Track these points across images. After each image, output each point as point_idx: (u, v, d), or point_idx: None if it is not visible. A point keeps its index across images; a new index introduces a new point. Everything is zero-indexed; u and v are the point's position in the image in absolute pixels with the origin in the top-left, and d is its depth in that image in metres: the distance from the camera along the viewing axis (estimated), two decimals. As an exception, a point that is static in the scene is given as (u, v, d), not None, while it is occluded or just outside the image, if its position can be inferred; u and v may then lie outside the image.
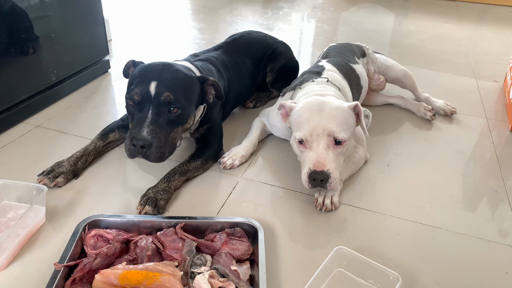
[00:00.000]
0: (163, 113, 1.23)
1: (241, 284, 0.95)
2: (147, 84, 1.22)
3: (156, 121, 1.22)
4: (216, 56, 1.64)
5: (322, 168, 1.19)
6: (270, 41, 1.87)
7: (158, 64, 1.31)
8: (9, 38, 1.52)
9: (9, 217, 1.15)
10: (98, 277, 0.91)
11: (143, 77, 1.25)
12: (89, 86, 1.98)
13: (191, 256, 1.00)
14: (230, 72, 1.65)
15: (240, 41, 1.80)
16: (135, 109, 1.25)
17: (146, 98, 1.22)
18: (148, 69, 1.28)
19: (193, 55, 1.64)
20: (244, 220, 1.12)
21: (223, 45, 1.76)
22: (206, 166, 1.43)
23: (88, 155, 1.40)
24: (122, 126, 1.53)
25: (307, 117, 1.25)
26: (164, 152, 1.24)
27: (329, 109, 1.25)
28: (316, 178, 1.19)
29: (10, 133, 1.58)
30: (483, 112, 1.91)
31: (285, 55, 1.85)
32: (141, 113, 1.23)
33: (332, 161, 1.21)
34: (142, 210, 1.20)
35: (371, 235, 1.18)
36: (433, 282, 1.04)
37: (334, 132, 1.22)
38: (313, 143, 1.24)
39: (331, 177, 1.19)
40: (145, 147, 1.19)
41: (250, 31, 1.90)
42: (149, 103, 1.22)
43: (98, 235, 1.06)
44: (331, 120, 1.23)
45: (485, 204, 1.33)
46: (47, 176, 1.30)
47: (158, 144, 1.21)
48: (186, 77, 1.30)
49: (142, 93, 1.22)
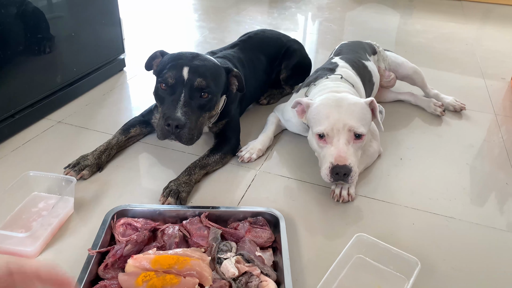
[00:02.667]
0: (195, 97, 1.31)
1: (266, 269, 0.99)
2: (180, 69, 1.29)
3: (188, 103, 1.29)
4: (232, 54, 1.69)
5: (344, 162, 1.22)
6: (284, 39, 1.92)
7: (187, 53, 1.38)
8: (32, 38, 1.57)
9: (40, 207, 1.20)
10: (131, 261, 0.95)
11: (175, 62, 1.32)
12: (106, 84, 2.03)
13: (217, 243, 1.04)
14: (246, 69, 1.70)
15: (255, 39, 1.85)
16: (167, 93, 1.31)
17: (179, 81, 1.29)
18: (179, 56, 1.36)
19: (211, 53, 1.69)
20: (266, 209, 1.16)
21: (238, 43, 1.81)
22: (225, 160, 1.47)
23: (111, 149, 1.45)
24: (143, 121, 1.58)
25: (326, 113, 1.29)
26: (194, 135, 1.30)
27: (347, 105, 1.29)
28: (339, 172, 1.22)
29: (33, 129, 1.63)
30: (491, 108, 1.95)
31: (299, 52, 1.90)
32: (174, 95, 1.30)
33: (352, 155, 1.25)
34: (165, 202, 1.24)
35: (387, 225, 1.23)
36: (449, 268, 1.08)
37: (354, 127, 1.25)
38: (334, 138, 1.27)
39: (352, 171, 1.23)
40: (179, 127, 1.25)
41: (264, 29, 1.95)
42: (181, 87, 1.29)
43: (127, 224, 1.10)
44: (351, 115, 1.27)
45: (496, 195, 1.38)
46: (73, 169, 1.35)
47: (190, 126, 1.27)
48: (215, 65, 1.38)
49: (176, 77, 1.29)
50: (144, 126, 1.57)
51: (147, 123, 1.58)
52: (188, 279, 0.90)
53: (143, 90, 1.97)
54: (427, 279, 1.05)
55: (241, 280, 0.95)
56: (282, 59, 1.88)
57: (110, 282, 0.93)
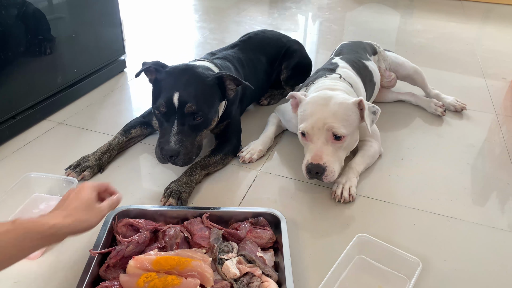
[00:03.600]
0: (188, 121, 1.30)
1: (267, 269, 1.00)
2: (171, 96, 1.27)
3: (181, 130, 1.28)
4: (232, 54, 1.69)
5: (318, 161, 1.25)
6: (284, 40, 1.92)
7: (179, 71, 1.35)
8: (33, 39, 1.58)
9: (41, 208, 1.20)
10: (132, 262, 0.95)
11: (167, 87, 1.30)
12: (107, 85, 2.03)
13: (218, 244, 1.04)
14: (246, 69, 1.70)
15: (255, 40, 1.85)
16: (162, 118, 1.31)
17: (171, 109, 1.28)
18: (171, 77, 1.33)
19: (210, 54, 1.69)
20: (266, 210, 1.16)
21: (238, 43, 1.81)
22: (226, 161, 1.47)
23: (112, 150, 1.45)
24: (143, 122, 1.58)
25: (311, 111, 1.30)
26: (191, 157, 1.32)
27: (333, 104, 1.29)
28: (312, 171, 1.25)
29: (35, 130, 1.63)
30: (492, 108, 1.95)
31: (299, 53, 1.90)
32: (168, 123, 1.29)
33: (330, 155, 1.26)
34: (166, 202, 1.25)
35: (388, 225, 1.22)
36: (450, 268, 1.08)
37: (334, 128, 1.26)
38: (313, 136, 1.29)
39: (326, 171, 1.24)
40: (173, 156, 1.26)
41: (264, 29, 1.95)
42: (174, 114, 1.28)
43: (128, 224, 1.10)
44: (333, 115, 1.27)
45: (497, 195, 1.37)
46: (74, 170, 1.35)
47: (185, 151, 1.28)
48: (205, 83, 1.34)
49: (167, 105, 1.28)
50: (144, 127, 1.58)
51: (147, 124, 1.59)
52: (189, 280, 0.90)
53: (144, 91, 1.96)
54: (429, 280, 1.05)
55: (243, 280, 0.95)
56: (282, 60, 1.88)
57: (112, 283, 0.93)
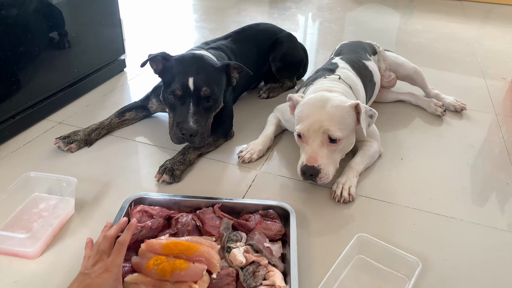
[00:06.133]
0: (202, 104, 1.41)
1: (274, 259, 1.01)
2: (186, 80, 1.38)
3: (197, 111, 1.40)
4: (226, 44, 1.76)
5: (313, 163, 1.25)
6: (276, 32, 1.97)
7: (189, 58, 1.45)
8: (33, 39, 1.58)
9: (41, 208, 1.20)
10: (144, 245, 0.98)
11: (180, 72, 1.40)
12: (106, 85, 2.03)
13: (227, 233, 1.07)
14: (238, 59, 1.76)
15: (249, 32, 1.91)
16: (176, 101, 1.41)
17: (186, 92, 1.39)
18: (182, 64, 1.43)
19: (204, 43, 1.77)
20: (277, 203, 1.19)
21: (232, 35, 1.87)
22: (218, 143, 1.56)
23: (102, 129, 1.57)
24: (140, 106, 1.70)
25: (307, 113, 1.30)
26: (205, 136, 1.43)
27: (330, 107, 1.29)
28: (306, 172, 1.26)
29: (34, 130, 1.63)
30: (492, 108, 1.95)
31: (286, 44, 1.93)
32: (183, 105, 1.40)
33: (325, 157, 1.26)
34: (160, 178, 1.34)
35: (388, 225, 1.22)
36: (450, 268, 1.08)
37: (329, 131, 1.26)
38: (309, 138, 1.29)
39: (321, 173, 1.25)
40: (193, 135, 1.38)
41: (260, 23, 2.01)
42: (189, 97, 1.39)
43: (143, 211, 1.13)
44: (329, 118, 1.27)
45: (497, 195, 1.37)
46: (63, 140, 1.47)
47: (202, 131, 1.40)
48: (216, 69, 1.46)
49: (183, 89, 1.38)
50: (140, 111, 1.70)
51: (144, 108, 1.70)
52: (196, 265, 0.92)
53: (144, 91, 1.95)
54: (428, 280, 1.05)
55: (249, 269, 0.98)
56: (269, 51, 1.92)
57: (124, 264, 0.96)
